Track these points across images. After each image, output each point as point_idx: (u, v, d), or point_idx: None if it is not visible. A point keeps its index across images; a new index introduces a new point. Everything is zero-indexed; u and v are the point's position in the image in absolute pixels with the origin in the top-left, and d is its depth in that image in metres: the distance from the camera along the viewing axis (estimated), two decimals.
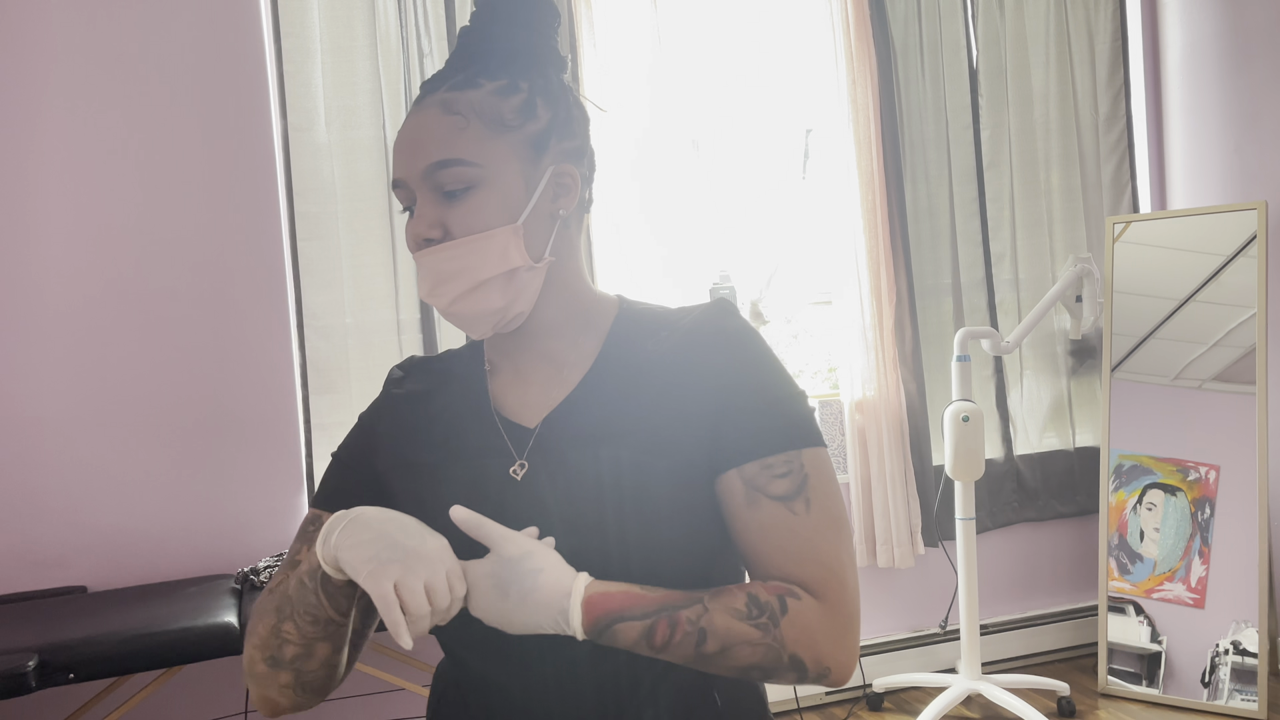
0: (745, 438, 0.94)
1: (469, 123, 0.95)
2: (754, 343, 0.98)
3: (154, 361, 2.62)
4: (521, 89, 0.98)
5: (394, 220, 2.81)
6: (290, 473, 2.73)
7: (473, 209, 0.94)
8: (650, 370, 0.98)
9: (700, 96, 3.11)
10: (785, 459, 0.93)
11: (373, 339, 2.80)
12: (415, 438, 1.04)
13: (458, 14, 2.84)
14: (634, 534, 0.92)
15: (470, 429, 1.02)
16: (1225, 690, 2.91)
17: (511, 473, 0.97)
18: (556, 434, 0.98)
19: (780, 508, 0.92)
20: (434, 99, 0.97)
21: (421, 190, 0.95)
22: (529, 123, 0.97)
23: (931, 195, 3.28)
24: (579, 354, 1.02)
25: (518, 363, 1.03)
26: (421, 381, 1.08)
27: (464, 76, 0.98)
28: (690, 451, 0.94)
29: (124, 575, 2.58)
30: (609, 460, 0.94)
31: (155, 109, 2.63)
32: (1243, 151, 3.23)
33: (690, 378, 0.96)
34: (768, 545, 0.92)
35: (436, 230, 0.95)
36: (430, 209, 0.95)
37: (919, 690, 3.16)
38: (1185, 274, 3.09)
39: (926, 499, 3.22)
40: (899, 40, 3.23)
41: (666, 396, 0.96)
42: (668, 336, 0.99)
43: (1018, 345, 3.12)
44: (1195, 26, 3.36)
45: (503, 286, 0.96)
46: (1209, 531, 2.99)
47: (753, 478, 0.93)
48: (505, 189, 0.95)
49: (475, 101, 0.96)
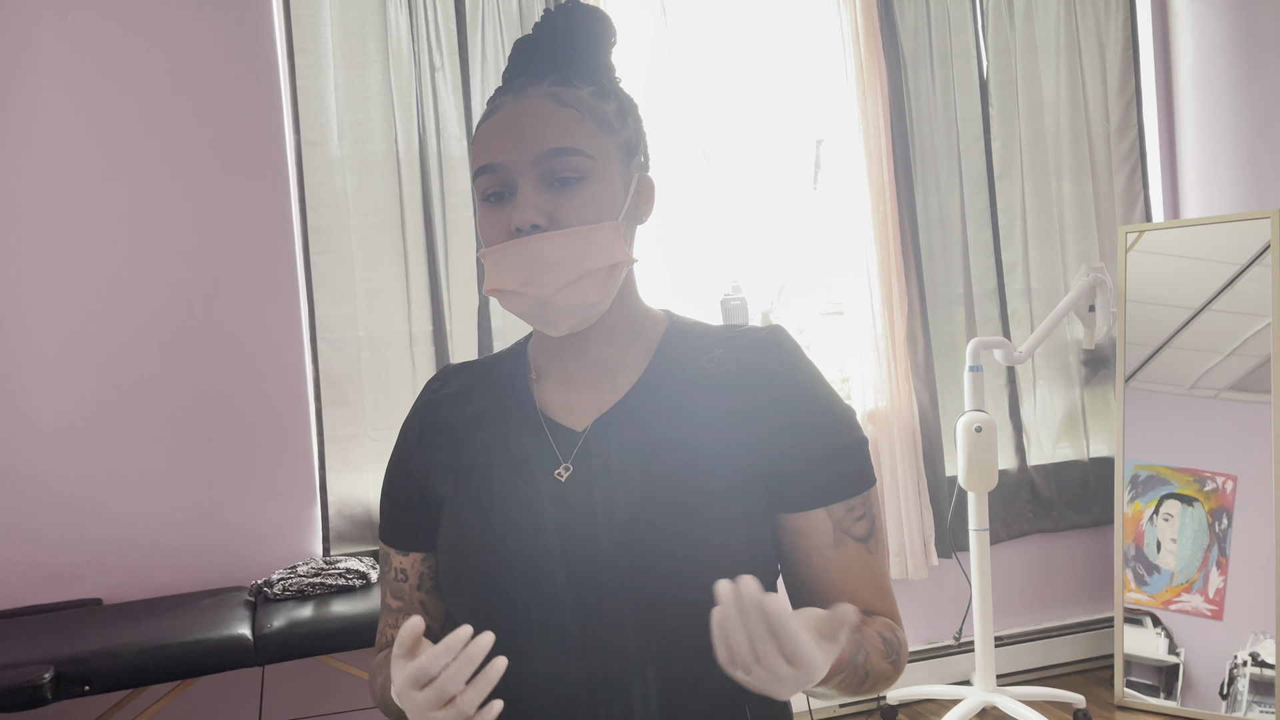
0: (832, 479, 0.99)
1: (583, 117, 0.96)
2: (820, 379, 1.02)
3: (168, 374, 2.64)
4: (612, 98, 1.00)
5: (406, 234, 2.82)
6: (303, 485, 2.74)
7: (586, 200, 0.95)
8: (705, 385, 0.99)
9: (710, 107, 3.12)
10: (861, 500, 1.00)
11: (385, 352, 2.81)
12: (458, 439, 1.04)
13: (469, 30, 2.86)
14: (690, 543, 0.92)
15: (515, 431, 1.02)
16: (1244, 702, 2.88)
17: (556, 475, 0.98)
18: (606, 438, 0.99)
19: (860, 548, 1.00)
20: (539, 90, 0.97)
21: (527, 177, 0.94)
22: (623, 129, 1.00)
23: (943, 205, 3.28)
24: (630, 362, 1.03)
25: (569, 366, 1.04)
26: (463, 383, 1.09)
27: (562, 76, 0.98)
28: (748, 475, 0.97)
29: (138, 587, 2.59)
30: (662, 468, 0.95)
31: (169, 122, 2.65)
32: (1256, 160, 3.22)
33: (755, 407, 0.98)
34: (850, 583, 1.00)
35: (544, 218, 0.94)
36: (538, 196, 0.94)
37: (933, 703, 3.14)
38: (1199, 283, 3.07)
39: (940, 510, 3.21)
40: (909, 50, 3.23)
41: (726, 415, 0.97)
42: (723, 355, 1.01)
43: (1030, 355, 3.10)
44: (1206, 35, 3.35)
45: (602, 280, 0.96)
46: (1227, 542, 2.96)
47: (840, 520, 0.99)
48: (611, 186, 0.97)
49: (583, 100, 0.97)
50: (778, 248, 3.24)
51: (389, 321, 2.82)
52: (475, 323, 2.87)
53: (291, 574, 2.48)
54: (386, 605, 1.09)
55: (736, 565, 0.94)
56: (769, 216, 3.23)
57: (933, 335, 3.24)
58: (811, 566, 1.00)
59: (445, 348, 2.83)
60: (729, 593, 0.75)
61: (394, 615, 1.08)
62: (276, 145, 2.73)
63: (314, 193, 2.76)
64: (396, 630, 1.07)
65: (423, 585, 1.07)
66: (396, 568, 1.08)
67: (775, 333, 1.02)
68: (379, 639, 1.11)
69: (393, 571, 1.08)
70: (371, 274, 2.80)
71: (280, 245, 2.73)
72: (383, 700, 1.03)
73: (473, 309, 2.87)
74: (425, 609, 1.08)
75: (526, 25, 2.86)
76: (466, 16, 2.86)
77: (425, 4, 2.82)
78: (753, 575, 0.94)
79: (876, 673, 0.96)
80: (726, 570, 0.92)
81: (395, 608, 1.08)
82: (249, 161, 2.71)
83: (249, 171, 2.71)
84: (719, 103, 3.15)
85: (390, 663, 0.96)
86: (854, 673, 0.93)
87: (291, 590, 2.42)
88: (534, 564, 0.94)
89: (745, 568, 0.94)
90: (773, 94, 3.22)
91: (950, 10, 3.28)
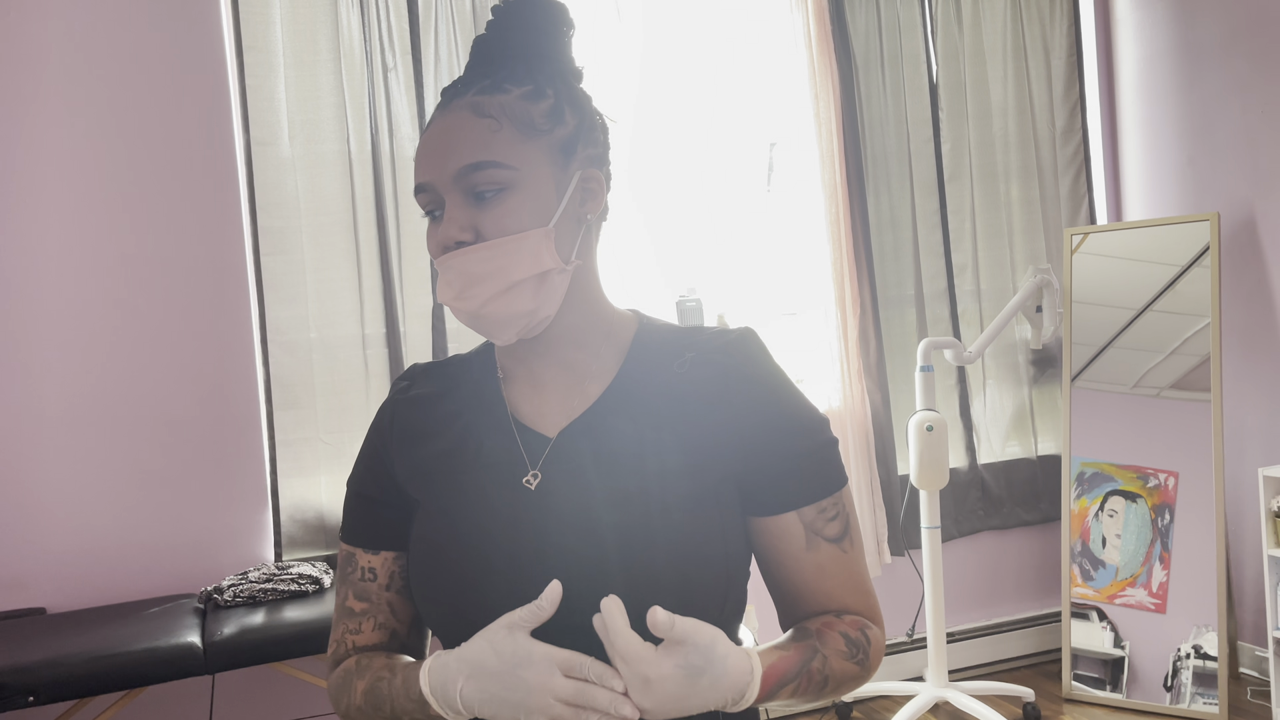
0: (802, 482, 0.99)
1: (501, 126, 0.95)
2: (788, 382, 1.02)
3: (115, 377, 2.59)
4: (548, 95, 0.99)
5: (359, 235, 2.79)
6: (254, 490, 2.70)
7: (506, 211, 0.94)
8: (677, 391, 0.99)
9: (665, 112, 3.13)
10: (833, 501, 1.01)
11: (338, 354, 2.78)
12: (428, 442, 1.03)
13: (421, 28, 2.84)
14: (662, 551, 0.92)
15: (486, 434, 1.01)
16: (1188, 694, 2.95)
17: (525, 482, 0.98)
18: (576, 445, 0.98)
19: (834, 549, 1.01)
20: (462, 102, 0.97)
21: (451, 194, 0.95)
22: (558, 128, 0.98)
23: (894, 207, 3.32)
24: (600, 366, 1.02)
25: (535, 370, 1.03)
26: (430, 385, 1.08)
27: (491, 81, 0.97)
28: (720, 481, 0.97)
29: (84, 596, 2.54)
30: (632, 476, 0.95)
31: (115, 122, 2.60)
32: (1196, 163, 3.30)
33: (727, 412, 0.98)
34: (826, 583, 1.01)
35: (468, 233, 0.94)
36: (461, 212, 0.95)
37: (887, 699, 3.18)
38: (1142, 284, 3.14)
39: (893, 509, 3.25)
40: (860, 55, 3.27)
41: (697, 422, 0.98)
42: (694, 360, 1.01)
43: (980, 355, 3.16)
44: (1149, 41, 3.43)
45: (534, 289, 0.96)
46: (1169, 537, 3.03)
47: (811, 522, 0.99)
48: (537, 192, 0.96)
49: (506, 105, 0.96)
50: (733, 250, 3.26)
51: (341, 323, 2.79)
52: (429, 325, 2.85)
53: (243, 580, 2.44)
54: (346, 610, 1.06)
55: (709, 572, 0.94)
56: (724, 219, 3.24)
57: (885, 336, 3.28)
58: (786, 569, 1.01)
59: (399, 350, 2.81)
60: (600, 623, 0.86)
61: (356, 619, 1.05)
62: (226, 145, 2.69)
63: (264, 193, 2.72)
64: (358, 636, 1.04)
65: (392, 585, 1.05)
66: (364, 567, 1.05)
67: (745, 335, 1.03)
68: (335, 647, 1.06)
69: (358, 572, 1.05)
70: (323, 275, 2.77)
71: (230, 246, 2.69)
72: (358, 718, 1.00)
73: (426, 311, 2.85)
74: (393, 610, 1.05)
75: (480, 23, 2.84)
76: (419, 16, 2.84)
77: (377, 3, 2.80)
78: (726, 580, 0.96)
79: (839, 674, 0.97)
80: (698, 578, 0.93)
81: (358, 610, 1.05)
82: (197, 161, 2.66)
83: (197, 171, 2.66)
84: (673, 107, 3.16)
85: (394, 672, 0.96)
86: (808, 679, 0.94)
87: (242, 597, 2.39)
88: (507, 573, 0.94)
89: (719, 574, 0.95)
90: (727, 97, 3.23)
91: (900, 15, 3.32)
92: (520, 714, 0.86)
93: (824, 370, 3.18)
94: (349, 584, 1.06)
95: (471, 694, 0.88)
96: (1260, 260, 3.11)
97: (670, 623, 0.84)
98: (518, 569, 0.93)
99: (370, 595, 1.05)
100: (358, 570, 1.06)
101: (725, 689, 0.87)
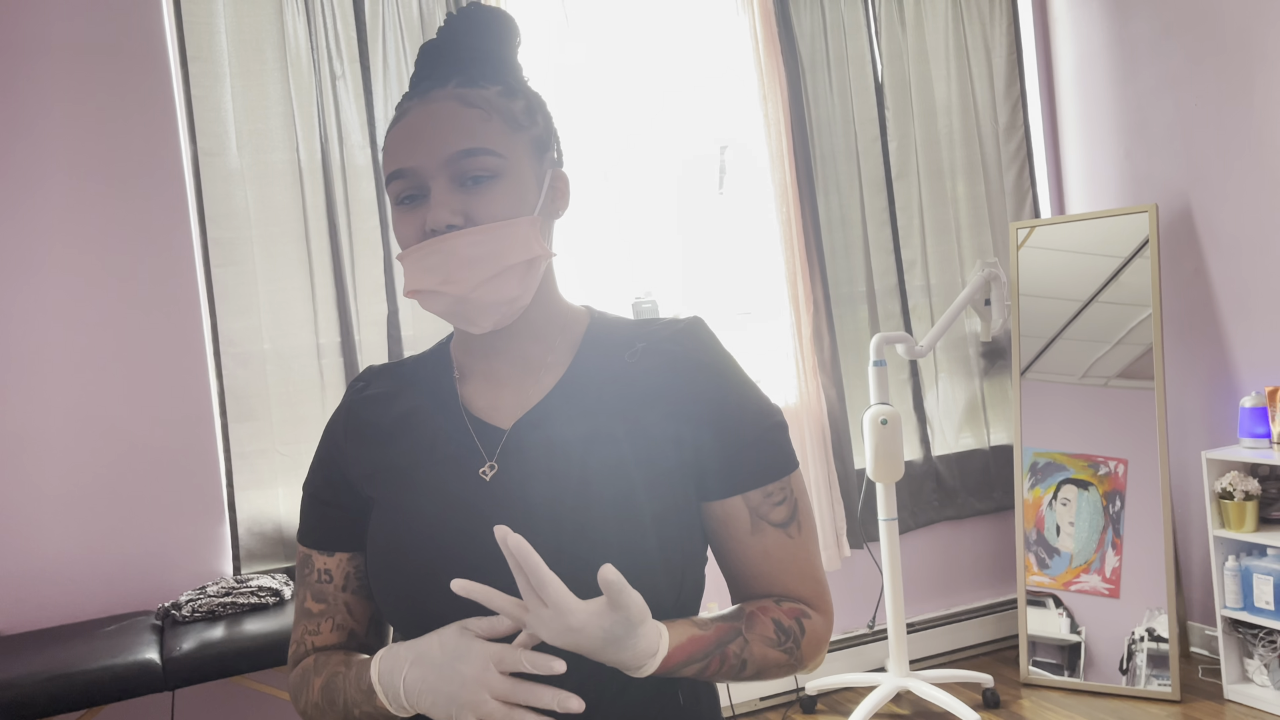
0: (747, 466, 1.00)
1: (491, 116, 0.97)
2: (737, 368, 1.04)
3: (65, 393, 2.55)
4: (519, 96, 1.01)
5: (310, 244, 2.78)
6: (211, 503, 2.68)
7: (497, 197, 0.96)
8: (628, 381, 1.01)
9: (611, 119, 3.14)
10: (780, 486, 1.01)
11: (292, 364, 2.76)
12: (384, 440, 1.04)
13: (369, 37, 2.83)
14: (616, 538, 0.94)
15: (442, 429, 1.02)
16: (1143, 676, 3.02)
17: (481, 474, 0.99)
18: (530, 436, 0.99)
19: (780, 533, 1.01)
20: (445, 93, 0.98)
21: (439, 179, 0.96)
22: (532, 126, 1.01)
23: (844, 206, 3.37)
24: (554, 359, 1.04)
25: (492, 364, 1.04)
26: (386, 384, 1.09)
27: (467, 77, 0.99)
28: (673, 467, 0.98)
29: (38, 616, 2.50)
30: (586, 465, 0.97)
31: (58, 135, 2.57)
32: (1133, 156, 3.38)
33: (676, 399, 0.99)
34: (771, 568, 1.01)
35: (459, 217, 0.95)
36: (451, 197, 0.95)
37: (851, 690, 3.22)
38: (1087, 276, 3.22)
39: (850, 502, 3.29)
40: (807, 56, 3.31)
41: (648, 410, 0.99)
42: (645, 349, 1.02)
43: (931, 349, 3.21)
44: (1085, 39, 3.52)
45: (521, 275, 0.97)
46: (1120, 523, 3.10)
47: (757, 506, 1.00)
48: (523, 182, 0.98)
49: (489, 99, 0.98)
50: (688, 252, 3.28)
51: (295, 334, 2.77)
52: (385, 332, 2.84)
53: (201, 595, 2.42)
54: (305, 610, 1.07)
55: (664, 558, 0.96)
56: (678, 222, 3.27)
57: (838, 332, 3.33)
58: (733, 554, 1.02)
59: (354, 358, 2.80)
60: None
61: (314, 620, 1.06)
62: (172, 156, 2.67)
63: (213, 204, 2.70)
64: (317, 637, 1.05)
65: (348, 586, 1.06)
66: (320, 569, 1.06)
67: (694, 324, 1.05)
68: (295, 648, 1.08)
69: (315, 573, 1.06)
70: (276, 286, 2.75)
71: (179, 258, 2.67)
72: (315, 715, 1.02)
73: (381, 318, 2.84)
74: (350, 611, 1.06)
75: (428, 31, 2.84)
76: (366, 23, 2.83)
77: (324, 11, 2.79)
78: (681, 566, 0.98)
79: (760, 660, 0.97)
80: (651, 565, 0.95)
81: (316, 611, 1.06)
82: (143, 174, 2.64)
83: (144, 184, 2.64)
84: (622, 112, 3.17)
85: (349, 666, 0.98)
86: (722, 660, 0.95)
87: (201, 611, 2.36)
88: (463, 563, 0.95)
89: (673, 560, 0.97)
90: (676, 101, 3.26)
91: (845, 17, 3.37)
92: (453, 708, 0.88)
93: (780, 368, 3.21)
94: (307, 585, 1.07)
95: (413, 682, 0.91)
96: (1197, 250, 3.20)
97: (620, 585, 0.86)
98: (474, 559, 0.94)
99: (327, 596, 1.06)
100: (315, 572, 1.07)
101: (628, 657, 0.89)
